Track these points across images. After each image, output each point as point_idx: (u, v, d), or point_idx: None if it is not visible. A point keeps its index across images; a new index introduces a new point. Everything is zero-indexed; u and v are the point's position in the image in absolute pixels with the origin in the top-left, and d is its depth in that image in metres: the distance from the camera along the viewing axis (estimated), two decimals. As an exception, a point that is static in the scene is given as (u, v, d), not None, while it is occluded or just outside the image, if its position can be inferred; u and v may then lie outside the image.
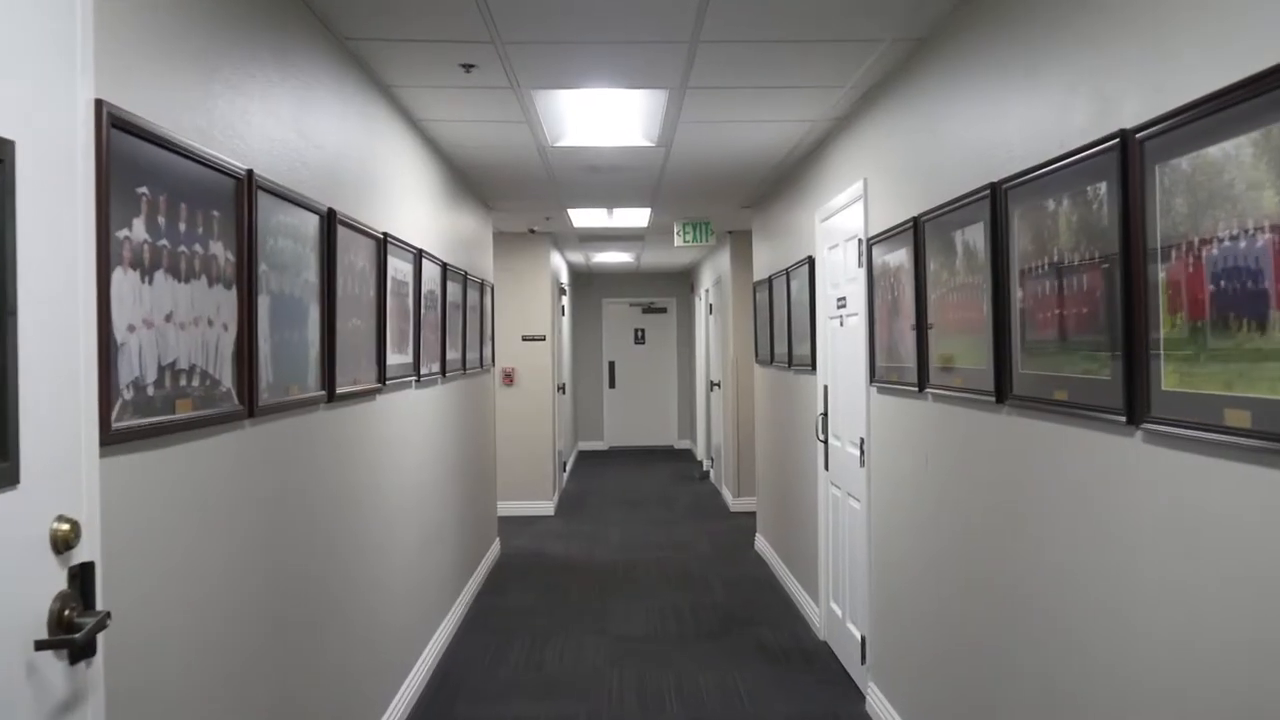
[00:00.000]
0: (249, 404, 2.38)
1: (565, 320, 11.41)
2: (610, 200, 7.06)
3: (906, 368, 3.51)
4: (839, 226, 4.65)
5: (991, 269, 2.66)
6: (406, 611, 4.23)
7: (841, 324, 4.62)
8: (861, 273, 4.17)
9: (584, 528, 8.33)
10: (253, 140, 2.48)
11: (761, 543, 7.15)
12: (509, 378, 8.98)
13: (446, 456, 5.27)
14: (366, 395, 3.56)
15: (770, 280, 6.48)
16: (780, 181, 6.19)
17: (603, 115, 4.55)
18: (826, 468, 4.95)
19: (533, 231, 8.47)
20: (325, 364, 3.03)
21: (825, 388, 4.98)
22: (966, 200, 2.85)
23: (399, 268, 4.07)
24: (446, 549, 5.23)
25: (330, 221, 3.07)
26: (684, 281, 14.02)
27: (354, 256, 3.37)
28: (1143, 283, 1.93)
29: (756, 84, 3.92)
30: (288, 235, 2.68)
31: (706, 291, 11.21)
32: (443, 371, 5.09)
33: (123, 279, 1.76)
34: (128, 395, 1.78)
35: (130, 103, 1.83)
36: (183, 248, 2.02)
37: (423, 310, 4.54)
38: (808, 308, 5.29)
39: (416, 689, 4.28)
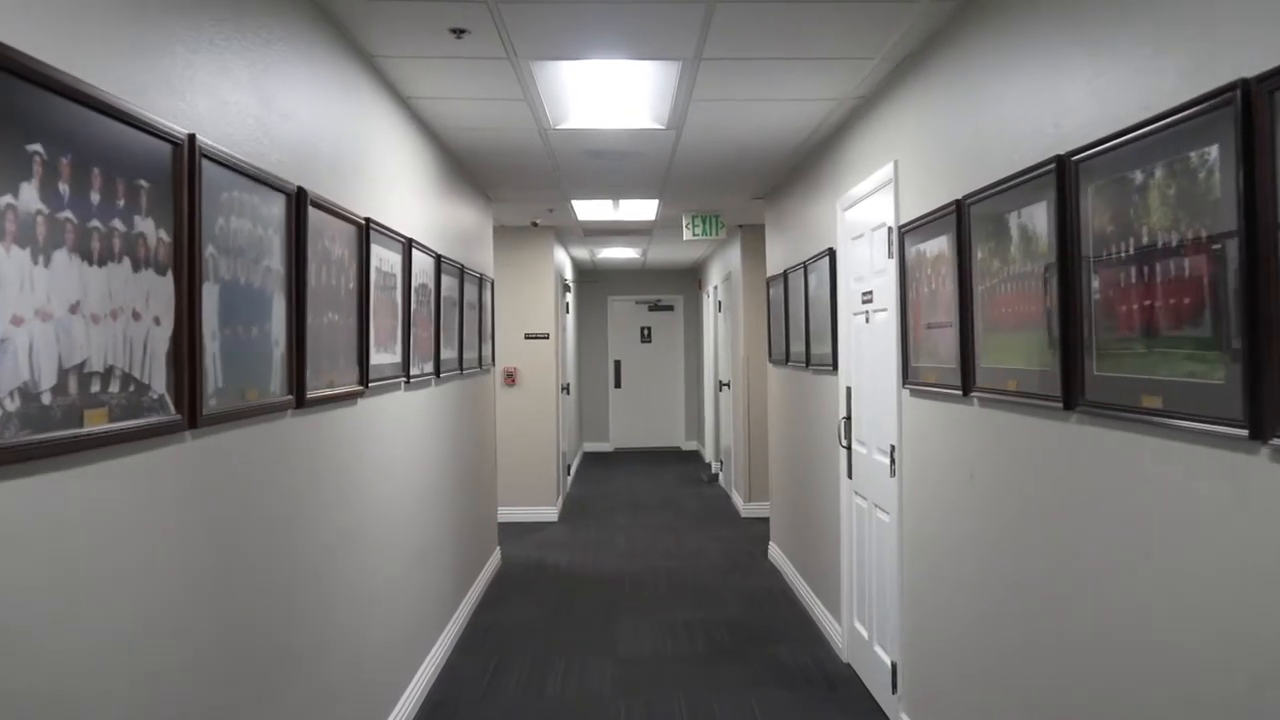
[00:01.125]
0: (190, 413, 2.02)
1: (570, 318, 11.05)
2: (616, 191, 6.69)
3: (947, 368, 3.15)
4: (864, 215, 4.29)
5: (1058, 255, 2.30)
6: (396, 633, 3.87)
7: (867, 320, 4.25)
8: (891, 264, 3.81)
9: (589, 535, 7.98)
10: (198, 101, 2.12)
11: (776, 552, 6.78)
12: (511, 378, 8.63)
13: (442, 463, 4.92)
14: (346, 399, 3.20)
15: (785, 275, 6.11)
16: (796, 170, 5.82)
17: (609, 94, 4.19)
18: (850, 476, 4.58)
19: (535, 225, 8.11)
20: (293, 364, 2.67)
21: (848, 390, 4.61)
22: (1024, 177, 2.49)
23: (385, 258, 3.72)
24: (441, 562, 4.88)
25: (299, 202, 2.71)
26: (692, 278, 13.66)
27: (330, 243, 3.01)
28: (1273, 264, 1.57)
29: (777, 54, 3.56)
30: (245, 215, 2.32)
31: (715, 288, 10.85)
32: (436, 372, 4.74)
33: (3, 259, 1.41)
34: (10, 405, 1.42)
35: (17, 37, 1.47)
36: (96, 223, 1.66)
37: (413, 305, 4.18)
38: (828, 304, 4.92)
39: (406, 719, 3.92)
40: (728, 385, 9.64)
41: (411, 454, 4.24)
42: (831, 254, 4.85)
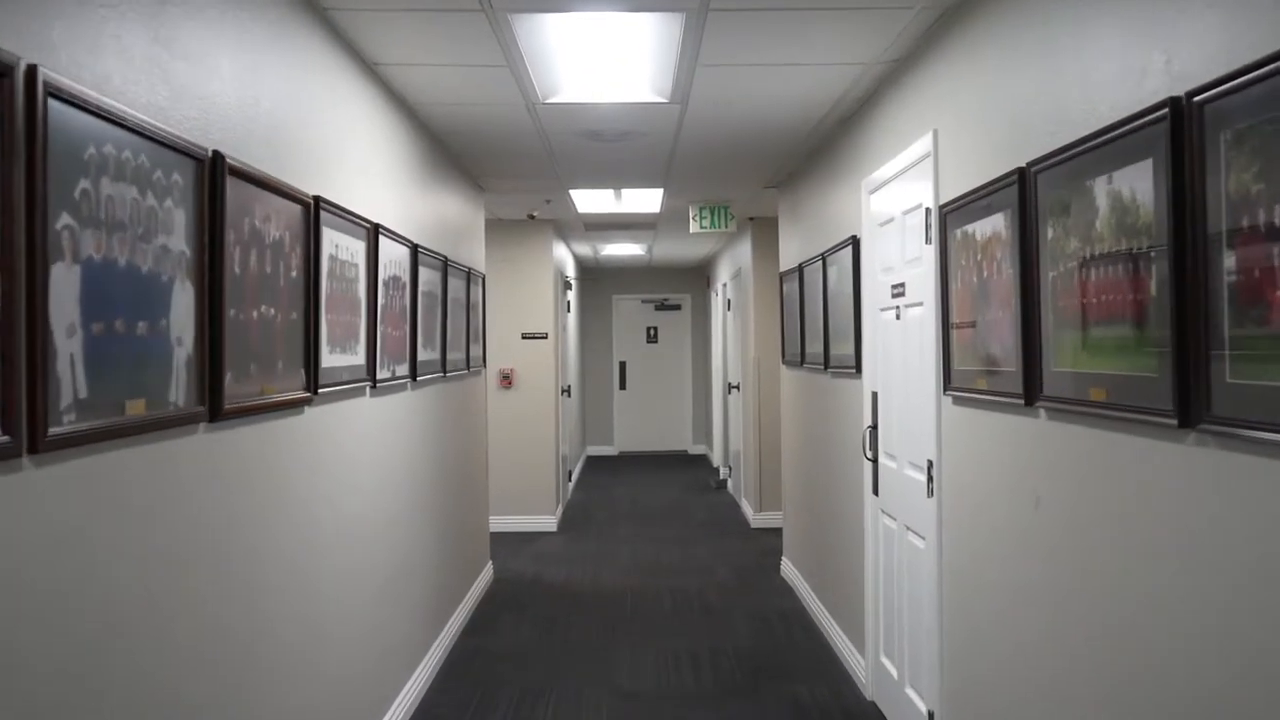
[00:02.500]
0: (29, 434, 1.52)
1: (571, 317, 10.55)
2: (617, 179, 6.18)
3: (1004, 372, 2.63)
4: (894, 198, 3.77)
5: (1171, 227, 1.78)
6: (360, 669, 3.37)
7: (898, 317, 3.74)
8: (929, 251, 3.29)
9: (589, 546, 7.47)
10: (50, 25, 1.62)
11: (789, 568, 6.26)
12: (507, 379, 8.13)
13: (420, 475, 4.42)
14: (286, 408, 2.70)
15: (800, 269, 5.60)
16: (814, 154, 5.30)
17: (603, 60, 3.68)
18: (876, 492, 4.07)
19: (532, 217, 7.61)
20: (206, 368, 2.17)
21: (874, 395, 4.10)
22: (1117, 131, 1.97)
23: (343, 245, 3.21)
24: (419, 585, 4.37)
25: (215, 170, 2.21)
26: (699, 276, 13.14)
27: (263, 224, 2.51)
28: None
29: (799, 3, 3.04)
30: (128, 180, 1.82)
31: (724, 286, 10.33)
32: (413, 374, 4.23)
33: None
34: None
35: None
36: None
37: (382, 300, 3.68)
38: (850, 299, 4.40)
39: (369, 772, 3.42)
40: (737, 388, 9.13)
41: (381, 467, 3.73)
42: (855, 243, 4.34)
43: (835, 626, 4.90)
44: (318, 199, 2.93)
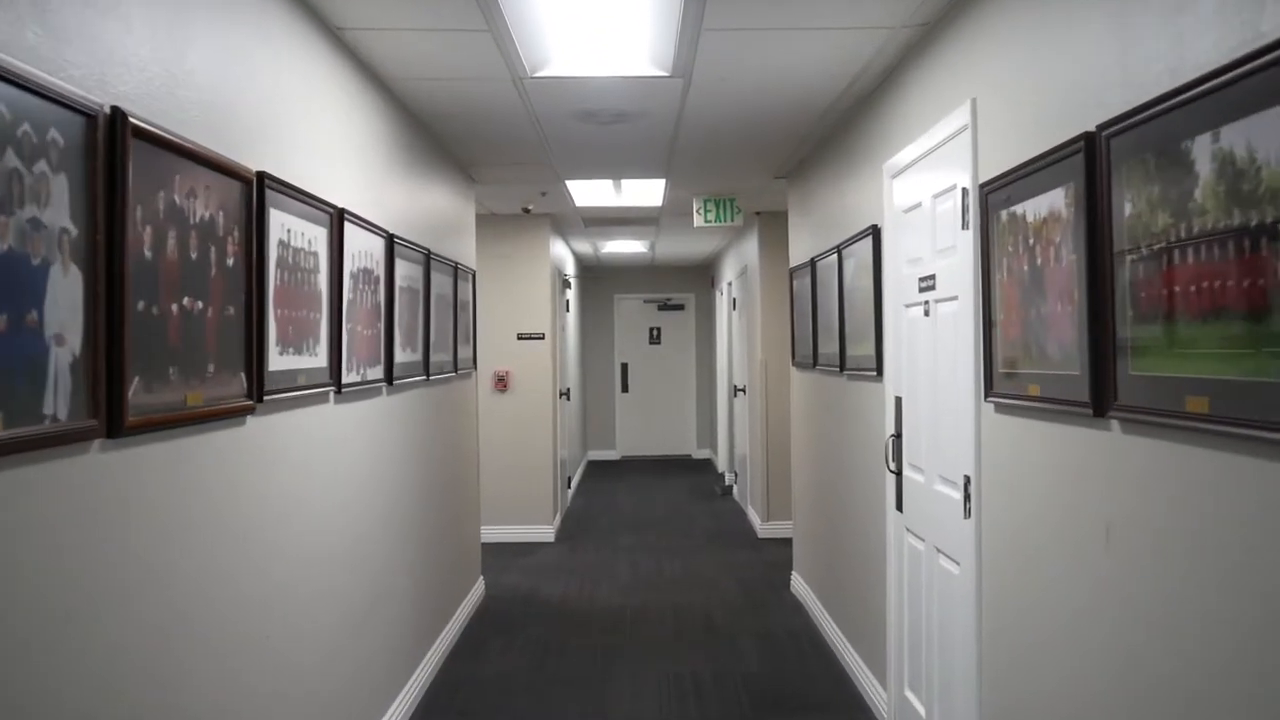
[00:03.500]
0: None
1: (571, 317, 10.16)
2: (616, 167, 5.79)
3: (1064, 377, 2.23)
4: (922, 180, 3.37)
5: (1313, 191, 1.38)
6: (333, 703, 2.97)
7: (927, 313, 3.34)
8: (966, 237, 2.89)
9: (588, 558, 7.07)
10: None
11: (800, 584, 5.86)
12: (502, 382, 7.73)
13: (399, 487, 4.02)
14: (219, 419, 2.31)
15: (813, 264, 5.20)
16: (829, 138, 4.90)
17: (596, 25, 3.29)
18: (899, 507, 3.67)
19: (527, 211, 7.21)
20: (100, 372, 1.77)
21: (897, 400, 3.70)
22: (1230, 74, 1.57)
23: (299, 231, 2.82)
24: (399, 607, 3.98)
25: (115, 130, 1.81)
26: (703, 275, 12.74)
27: (189, 200, 2.12)
28: None
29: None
30: (-24, 134, 1.43)
31: (729, 285, 9.93)
32: (389, 378, 3.84)
33: None
34: None
35: None
36: None
37: (348, 295, 3.29)
38: (870, 294, 4.00)
39: (331, 828, 3.03)
40: (743, 391, 8.73)
41: (349, 482, 3.34)
42: (875, 233, 3.94)
43: (851, 651, 4.49)
44: (263, 175, 2.54)
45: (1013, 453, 2.59)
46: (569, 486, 9.40)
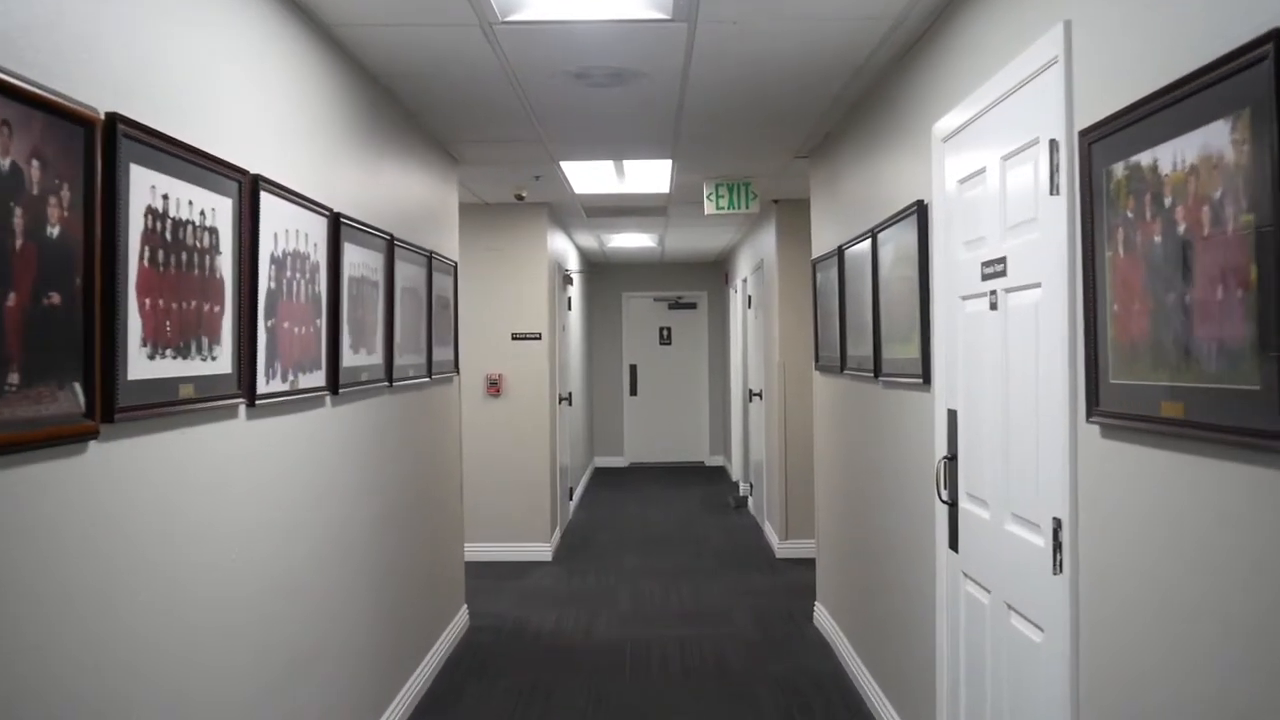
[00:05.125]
0: None
1: (574, 316, 9.50)
2: (615, 145, 5.13)
3: (1227, 391, 1.54)
4: (985, 140, 2.69)
5: None
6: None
7: (994, 305, 2.65)
8: (1056, 205, 2.21)
9: (587, 582, 6.40)
10: None
11: (824, 617, 5.17)
12: (495, 387, 7.07)
13: (349, 517, 3.36)
14: (30, 447, 1.65)
15: (840, 253, 4.52)
16: (861, 103, 4.22)
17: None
18: (954, 546, 2.98)
19: (520, 199, 6.55)
20: None
21: (951, 414, 3.01)
22: None
23: (183, 198, 2.16)
24: (350, 658, 3.31)
25: None
26: (716, 271, 12.06)
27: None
28: None
29: None
30: None
31: (744, 282, 9.25)
32: (333, 386, 3.19)
33: None
34: None
35: None
36: None
37: (267, 283, 2.63)
38: (914, 284, 3.33)
39: None
40: (759, 395, 8.04)
41: (268, 523, 2.68)
42: (921, 211, 3.26)
43: (888, 707, 3.81)
44: (116, 119, 1.88)
45: (1131, 493, 1.90)
46: (570, 498, 8.73)
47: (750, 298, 8.79)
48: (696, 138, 4.88)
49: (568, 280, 8.74)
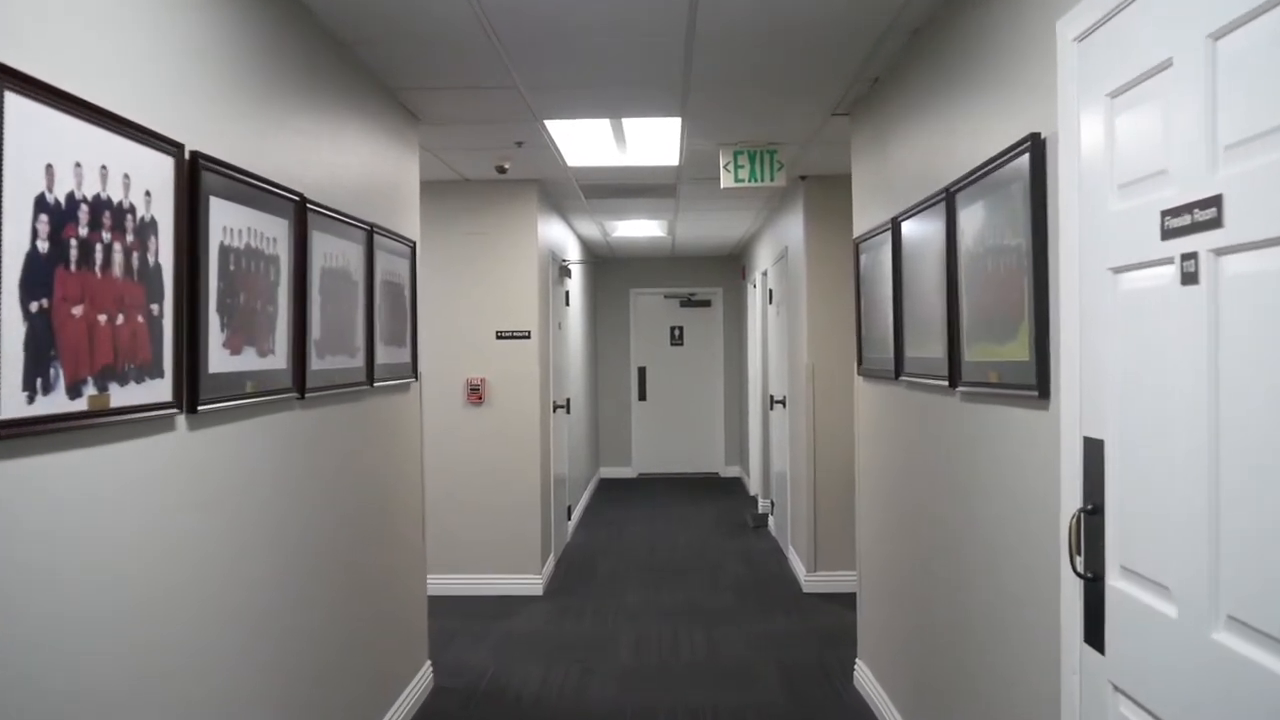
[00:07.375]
0: None
1: (574, 312, 8.52)
2: (610, 98, 4.14)
3: None
4: (1171, 16, 1.70)
5: None
6: None
7: (1191, 277, 1.65)
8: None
9: (582, 625, 5.41)
10: None
11: (867, 680, 4.17)
12: (476, 393, 6.09)
13: (231, 586, 2.39)
14: None
15: (896, 226, 3.53)
16: (928, 27, 3.23)
17: None
18: (1097, 645, 1.98)
19: (502, 171, 5.56)
20: None
21: (1093, 445, 2.02)
22: None
23: None
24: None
25: None
26: (733, 266, 11.05)
27: None
28: None
29: None
30: None
31: (764, 275, 8.26)
32: (188, 401, 2.22)
33: None
34: None
35: None
36: None
37: (43, 246, 1.66)
38: (1022, 256, 2.34)
39: None
40: (782, 403, 7.05)
41: (88, 604, 1.70)
42: (1036, 146, 2.27)
43: (971, 834, 2.81)
44: None
45: None
46: (569, 517, 7.75)
47: (771, 292, 7.79)
48: (709, 85, 3.90)
49: (565, 272, 7.76)
